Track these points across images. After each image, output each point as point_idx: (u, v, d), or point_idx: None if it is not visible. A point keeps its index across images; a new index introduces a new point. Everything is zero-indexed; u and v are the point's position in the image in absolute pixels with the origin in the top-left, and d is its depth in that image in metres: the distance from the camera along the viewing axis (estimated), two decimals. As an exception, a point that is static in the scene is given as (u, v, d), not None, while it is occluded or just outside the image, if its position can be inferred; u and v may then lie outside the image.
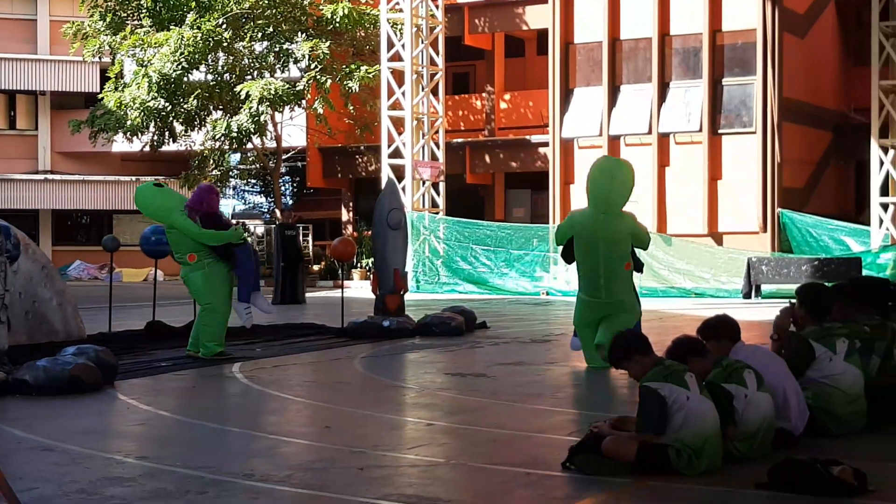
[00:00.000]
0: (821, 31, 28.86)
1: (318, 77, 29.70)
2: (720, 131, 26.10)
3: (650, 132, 26.42)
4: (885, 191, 24.76)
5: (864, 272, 21.31)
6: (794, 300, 7.91)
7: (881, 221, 24.51)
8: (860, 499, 5.62)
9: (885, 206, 24.61)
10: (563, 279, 25.33)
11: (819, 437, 7.14)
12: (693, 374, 6.36)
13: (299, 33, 30.51)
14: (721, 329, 7.19)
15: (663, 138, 26.38)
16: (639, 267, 11.38)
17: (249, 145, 32.21)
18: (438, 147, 28.07)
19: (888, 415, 7.65)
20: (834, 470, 5.73)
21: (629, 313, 11.04)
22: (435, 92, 28.06)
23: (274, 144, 33.72)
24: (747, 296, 22.61)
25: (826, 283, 9.25)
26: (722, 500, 5.73)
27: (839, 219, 25.97)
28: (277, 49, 30.41)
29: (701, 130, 26.00)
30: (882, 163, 24.57)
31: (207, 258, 11.99)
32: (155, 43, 30.10)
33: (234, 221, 18.58)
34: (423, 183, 27.53)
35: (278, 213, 32.96)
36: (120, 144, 35.51)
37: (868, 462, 6.17)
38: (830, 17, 29.55)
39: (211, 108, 31.40)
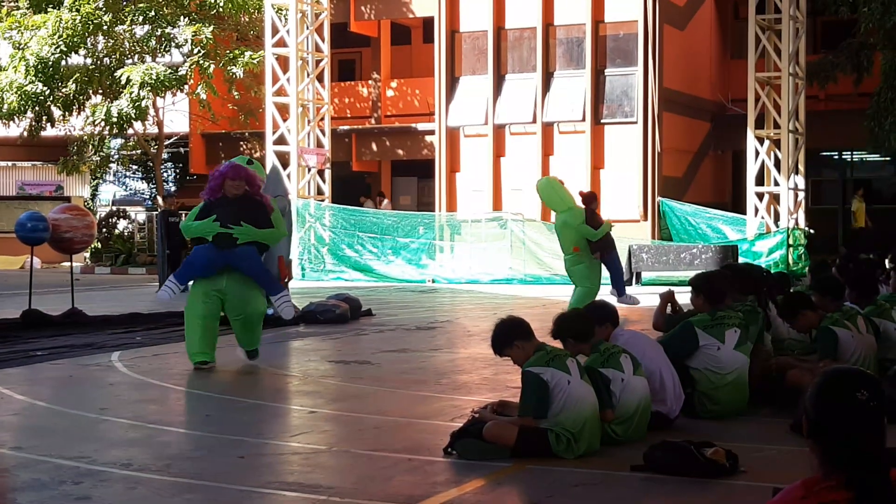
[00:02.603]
0: (700, 23, 29.45)
1: (201, 62, 29.28)
2: (603, 121, 26.43)
3: (534, 121, 26.63)
4: (760, 180, 25.36)
5: (741, 260, 21.84)
6: (671, 287, 8.10)
7: (756, 210, 25.10)
8: (731, 479, 5.78)
9: (760, 196, 25.21)
10: (449, 267, 25.44)
11: (695, 419, 7.32)
12: (575, 359, 6.46)
13: (182, 17, 29.98)
14: (604, 314, 7.34)
15: (547, 127, 26.62)
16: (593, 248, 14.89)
17: (130, 131, 31.62)
18: (324, 134, 27.88)
19: (764, 398, 7.88)
20: (707, 452, 5.88)
21: (579, 286, 14.43)
22: (320, 78, 27.85)
23: (156, 130, 33.15)
24: (628, 283, 22.95)
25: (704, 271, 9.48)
26: (599, 482, 5.83)
27: (716, 207, 26.53)
28: (159, 33, 29.86)
29: (584, 120, 26.30)
30: (758, 153, 25.16)
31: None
32: (32, 25, 29.31)
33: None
34: (309, 170, 27.33)
35: (160, 199, 32.41)
36: (-5, 129, 34.47)
37: (741, 444, 6.35)
38: (709, 10, 30.17)
39: (90, 92, 30.71)
